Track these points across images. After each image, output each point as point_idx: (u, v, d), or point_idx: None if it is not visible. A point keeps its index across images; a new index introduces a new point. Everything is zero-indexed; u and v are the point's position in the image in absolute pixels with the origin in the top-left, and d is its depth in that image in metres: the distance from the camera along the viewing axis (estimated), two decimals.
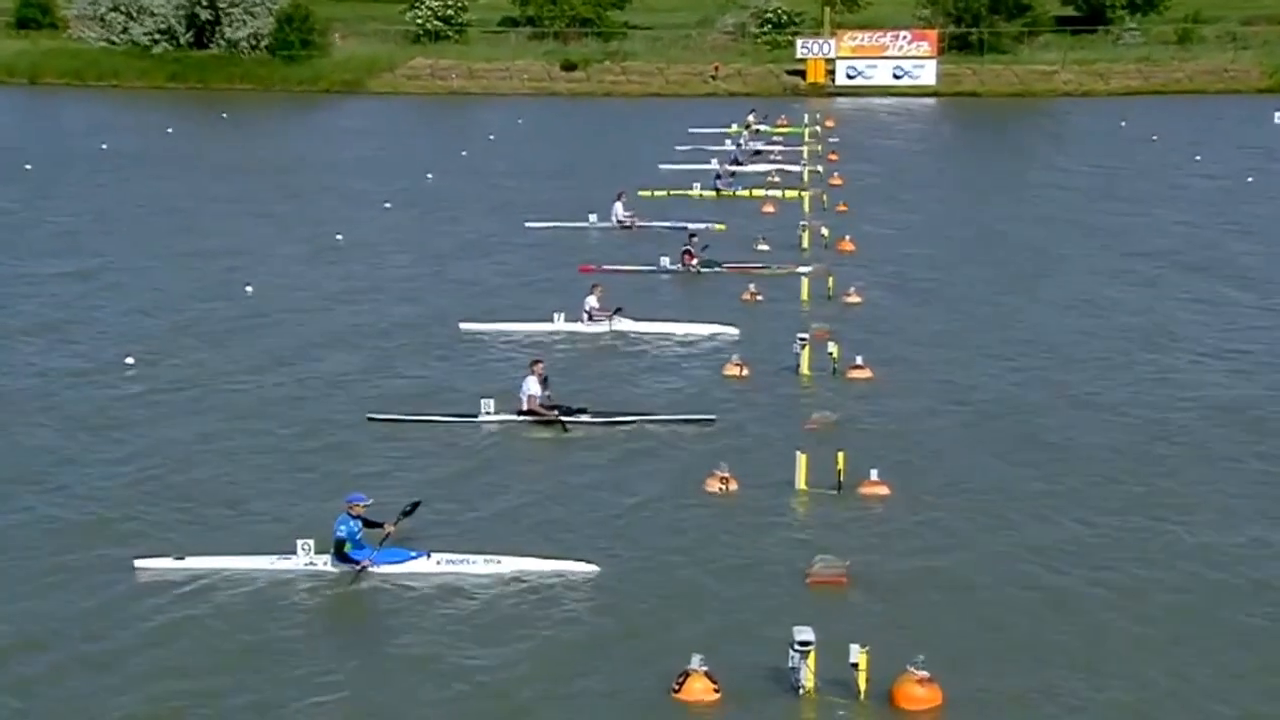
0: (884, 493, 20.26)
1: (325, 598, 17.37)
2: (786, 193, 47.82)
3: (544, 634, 16.34)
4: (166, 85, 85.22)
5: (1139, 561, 18.19)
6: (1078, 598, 17.17)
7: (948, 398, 25.09)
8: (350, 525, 17.77)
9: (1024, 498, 20.35)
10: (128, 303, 32.38)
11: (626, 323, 29.41)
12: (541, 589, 17.35)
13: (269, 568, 17.80)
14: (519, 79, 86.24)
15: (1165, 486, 20.80)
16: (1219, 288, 33.89)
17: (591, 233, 40.93)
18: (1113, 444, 22.62)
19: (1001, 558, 18.32)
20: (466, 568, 17.70)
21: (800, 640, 14.73)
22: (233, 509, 20.01)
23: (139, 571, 17.83)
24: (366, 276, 35.22)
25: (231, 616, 16.76)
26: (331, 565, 17.78)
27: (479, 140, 64.05)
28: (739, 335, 28.41)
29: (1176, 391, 25.41)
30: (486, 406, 23.55)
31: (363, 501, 18.07)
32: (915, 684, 14.55)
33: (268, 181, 51.39)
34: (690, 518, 19.67)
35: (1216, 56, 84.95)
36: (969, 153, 61.24)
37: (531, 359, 24.42)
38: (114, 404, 24.68)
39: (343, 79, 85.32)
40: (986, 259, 37.64)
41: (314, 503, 19.87)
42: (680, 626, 16.44)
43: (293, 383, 26.01)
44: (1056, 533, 19.10)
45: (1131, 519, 19.56)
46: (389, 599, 17.34)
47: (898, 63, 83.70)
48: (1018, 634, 16.28)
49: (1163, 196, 47.86)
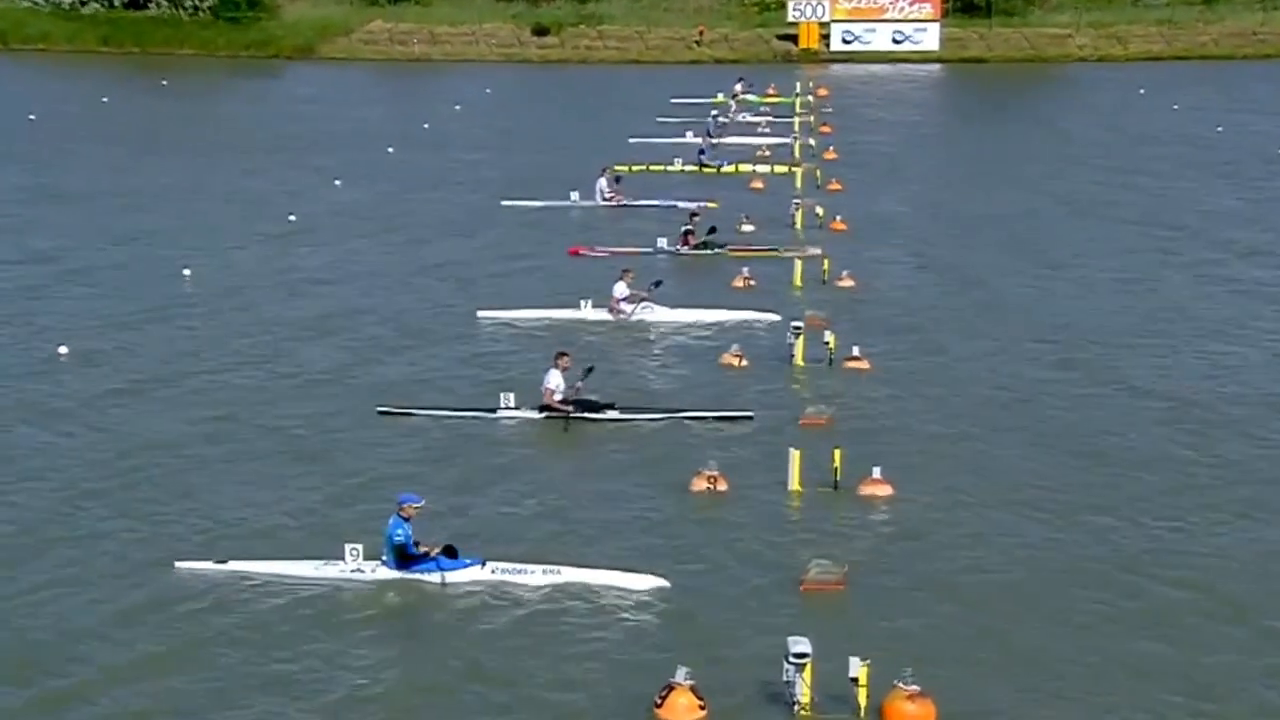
0: (885, 492, 20.41)
1: (373, 604, 17.54)
2: (776, 168, 48.01)
3: (594, 647, 16.44)
4: (100, 49, 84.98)
5: (1154, 568, 18.37)
6: (1088, 606, 17.32)
7: (951, 389, 25.27)
8: (406, 528, 17.93)
9: (1033, 496, 20.53)
10: (71, 288, 32.42)
11: (659, 310, 29.55)
12: (598, 601, 17.44)
13: (314, 574, 18.00)
14: (486, 44, 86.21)
15: (1182, 485, 21.02)
16: (1240, 269, 34.17)
17: (573, 211, 41.05)
18: (1131, 439, 22.84)
19: (1009, 563, 18.49)
20: (522, 578, 17.86)
21: (795, 652, 14.81)
22: (257, 510, 20.16)
23: (179, 574, 18.06)
24: (332, 259, 35.36)
25: (274, 622, 16.95)
26: (388, 571, 17.96)
27: (444, 111, 64.04)
28: (779, 321, 28.40)
29: (1197, 383, 25.64)
30: (506, 400, 23.70)
31: (415, 503, 18.14)
32: (905, 700, 14.65)
33: (212, 155, 51.34)
34: (675, 520, 19.81)
35: (1244, 18, 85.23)
36: (974, 125, 61.45)
37: (557, 351, 24.51)
38: (98, 398, 24.73)
39: (293, 44, 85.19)
40: (992, 240, 37.85)
41: (340, 503, 20.24)
42: (661, 637, 16.57)
43: (281, 375, 26.18)
44: (1067, 536, 19.28)
45: (1148, 522, 19.75)
46: (441, 607, 17.50)
47: (897, 26, 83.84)
48: (1022, 645, 16.42)
49: (1182, 171, 48.13)
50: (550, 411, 23.48)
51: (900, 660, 15.12)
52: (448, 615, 17.35)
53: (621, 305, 29.42)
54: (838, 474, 20.49)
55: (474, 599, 17.58)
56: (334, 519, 19.75)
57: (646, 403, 24.17)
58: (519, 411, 23.58)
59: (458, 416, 23.65)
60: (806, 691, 14.86)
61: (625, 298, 29.47)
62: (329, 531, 19.12)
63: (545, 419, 23.49)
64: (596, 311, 29.43)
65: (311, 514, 20.01)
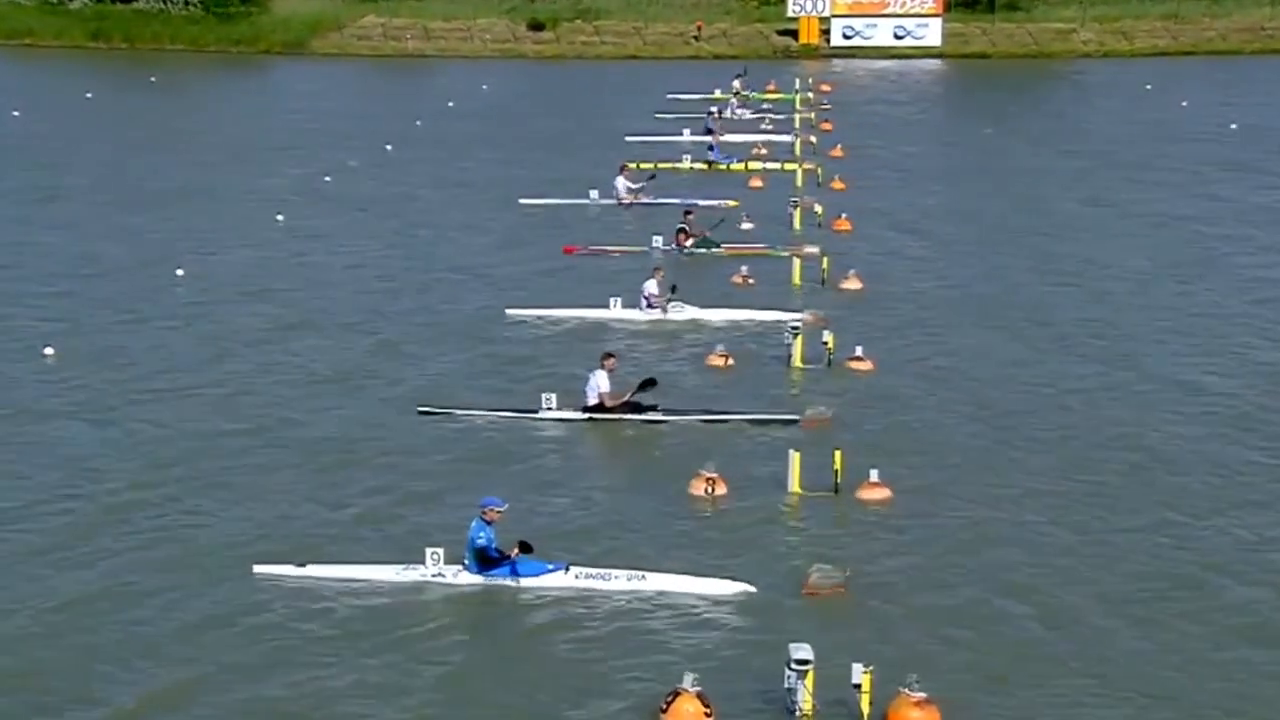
0: (885, 495, 20.42)
1: (456, 610, 17.59)
2: (782, 165, 47.96)
3: (667, 656, 16.42)
4: (87, 45, 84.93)
5: (1158, 574, 18.36)
6: (1092, 611, 17.32)
7: (954, 391, 25.27)
8: (488, 532, 17.95)
9: (1037, 501, 20.53)
10: (48, 286, 32.45)
11: (690, 310, 29.56)
12: (685, 607, 17.44)
13: (394, 578, 18.04)
14: (480, 40, 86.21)
15: (1190, 489, 21.00)
16: (1247, 274, 34.15)
17: (592, 210, 40.85)
18: (1138, 442, 22.82)
19: (1013, 567, 18.49)
20: (607, 584, 17.87)
21: (797, 658, 14.83)
22: (316, 513, 20.26)
23: (258, 578, 18.10)
24: (331, 259, 35.40)
25: (358, 627, 17.01)
26: (470, 576, 17.99)
27: (438, 108, 64.01)
28: (808, 320, 28.24)
29: (1201, 390, 25.59)
30: (548, 401, 23.77)
31: (498, 507, 18.16)
32: (912, 706, 14.66)
33: (199, 154, 51.31)
34: (674, 523, 19.81)
35: (1252, 12, 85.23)
36: (978, 121, 61.44)
37: (603, 352, 24.54)
38: (141, 402, 24.78)
39: (285, 39, 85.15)
40: (997, 239, 37.85)
41: (395, 506, 20.43)
42: (664, 643, 16.56)
43: (314, 377, 26.25)
44: (1072, 540, 19.27)
45: (1155, 526, 19.74)
46: (525, 612, 17.54)
47: (899, 21, 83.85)
48: (1028, 649, 16.43)
49: (1191, 169, 48.10)
50: (595, 413, 23.54)
51: (903, 666, 15.14)
52: (530, 619, 17.39)
53: (659, 303, 29.50)
54: (838, 477, 20.48)
55: (556, 604, 17.61)
56: (393, 522, 19.85)
57: (689, 404, 24.16)
58: (561, 413, 23.67)
59: (500, 417, 23.73)
60: (809, 699, 14.86)
61: (657, 295, 29.56)
62: (389, 534, 19.31)
63: (588, 420, 23.57)
64: (627, 311, 29.57)
65: (371, 517, 20.08)
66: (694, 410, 23.82)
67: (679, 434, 23.24)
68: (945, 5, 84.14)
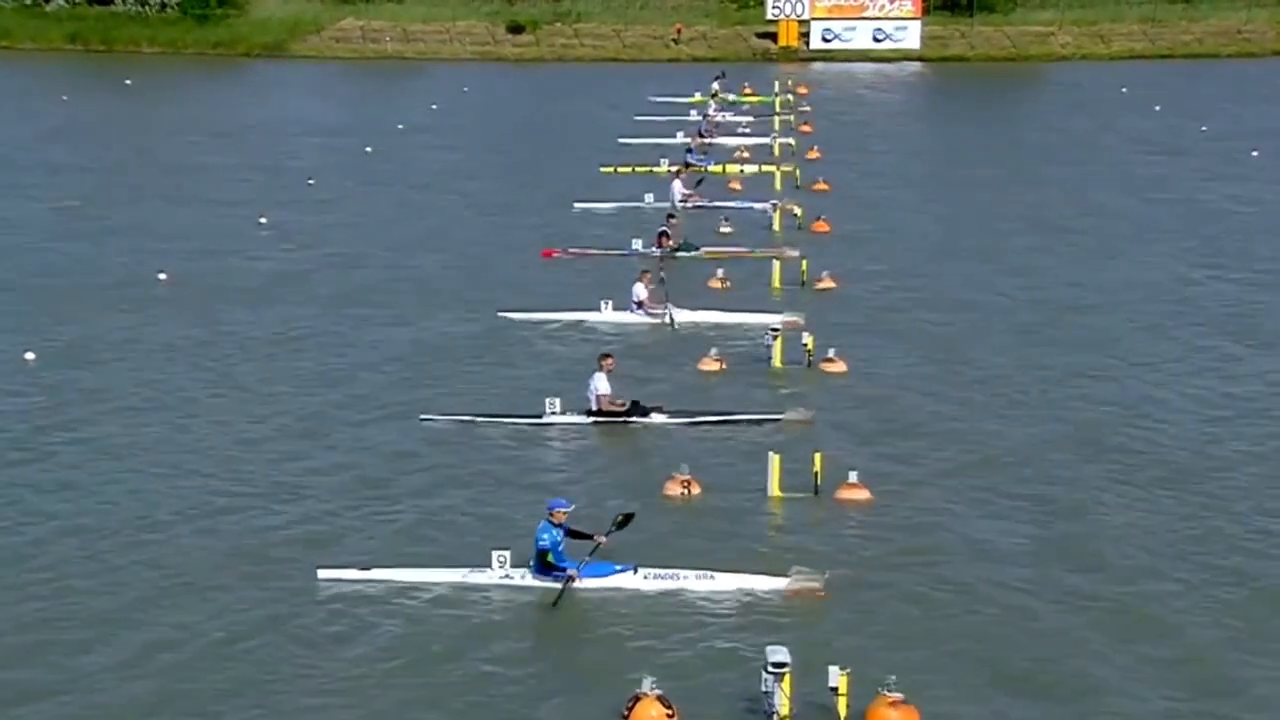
0: (864, 497, 20.42)
1: (522, 613, 17.50)
2: (759, 168, 47.98)
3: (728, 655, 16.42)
4: (64, 47, 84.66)
5: (1140, 575, 18.35)
6: (1070, 612, 17.33)
7: (931, 393, 25.27)
8: (553, 534, 17.80)
9: (1014, 502, 20.54)
10: (28, 288, 32.30)
11: (683, 313, 29.52)
12: (747, 607, 17.40)
13: (460, 580, 17.93)
14: (460, 42, 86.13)
15: (1173, 489, 21.01)
16: (1224, 275, 34.27)
17: (646, 213, 40.04)
18: (1114, 442, 22.84)
19: (991, 567, 18.47)
20: (677, 583, 17.81)
21: (774, 661, 14.76)
22: (357, 519, 20.19)
23: (322, 582, 18.01)
24: (324, 261, 35.33)
25: (426, 630, 16.95)
26: (532, 578, 17.88)
27: (420, 110, 63.91)
28: (802, 323, 28.20)
29: (1185, 389, 25.65)
30: (551, 405, 23.66)
31: (565, 508, 18.03)
32: (888, 707, 14.64)
33: (179, 155, 51.15)
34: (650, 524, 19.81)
35: (1228, 16, 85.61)
36: (956, 124, 61.58)
37: (601, 353, 24.48)
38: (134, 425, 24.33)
39: (263, 42, 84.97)
40: (975, 241, 37.88)
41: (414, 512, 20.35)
42: (635, 647, 16.54)
43: (317, 382, 26.15)
44: (1049, 541, 19.27)
45: (1134, 527, 19.75)
46: (592, 615, 17.45)
47: (878, 24, 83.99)
48: (1006, 651, 16.43)
49: (1164, 173, 48.23)
50: (599, 416, 23.51)
51: (881, 668, 15.11)
52: (597, 619, 17.31)
53: (651, 306, 29.47)
54: (818, 478, 20.49)
55: (624, 604, 17.54)
56: (414, 527, 19.82)
57: (688, 405, 24.15)
58: (565, 417, 23.60)
59: (503, 423, 23.63)
60: (786, 702, 14.80)
61: (647, 299, 29.53)
62: (433, 539, 19.29)
63: (594, 424, 23.53)
64: (618, 314, 29.55)
65: (407, 526, 19.94)
66: (696, 411, 23.79)
67: (679, 434, 23.20)
68: (924, 8, 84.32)
